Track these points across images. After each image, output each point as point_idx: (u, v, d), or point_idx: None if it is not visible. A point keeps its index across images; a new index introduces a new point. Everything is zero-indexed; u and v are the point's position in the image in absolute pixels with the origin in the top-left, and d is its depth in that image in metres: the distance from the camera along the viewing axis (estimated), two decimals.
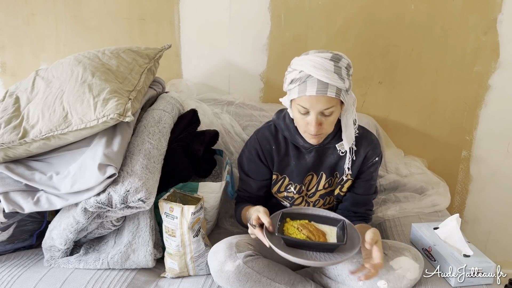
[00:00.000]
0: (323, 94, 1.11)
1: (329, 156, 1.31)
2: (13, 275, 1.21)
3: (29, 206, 1.21)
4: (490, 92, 1.80)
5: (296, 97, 1.15)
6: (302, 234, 1.14)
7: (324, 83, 1.11)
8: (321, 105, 1.13)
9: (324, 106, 1.13)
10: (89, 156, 1.22)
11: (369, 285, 1.13)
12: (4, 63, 1.92)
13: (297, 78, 1.14)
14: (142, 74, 1.46)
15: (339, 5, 1.74)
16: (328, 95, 1.11)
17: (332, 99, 1.13)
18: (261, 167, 1.33)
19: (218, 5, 1.78)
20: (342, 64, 1.13)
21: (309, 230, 1.15)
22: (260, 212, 1.15)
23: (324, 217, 1.22)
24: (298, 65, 1.14)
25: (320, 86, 1.11)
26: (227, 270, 1.11)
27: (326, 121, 1.17)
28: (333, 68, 1.11)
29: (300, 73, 1.13)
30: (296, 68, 1.15)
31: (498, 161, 1.89)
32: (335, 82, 1.11)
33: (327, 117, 1.16)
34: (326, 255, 1.11)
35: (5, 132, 1.25)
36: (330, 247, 1.12)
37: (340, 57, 1.14)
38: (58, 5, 1.81)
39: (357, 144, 1.29)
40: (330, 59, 1.12)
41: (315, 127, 1.16)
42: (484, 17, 1.72)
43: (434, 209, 1.57)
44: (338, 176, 1.33)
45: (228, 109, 1.77)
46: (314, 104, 1.13)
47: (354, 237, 1.15)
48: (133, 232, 1.27)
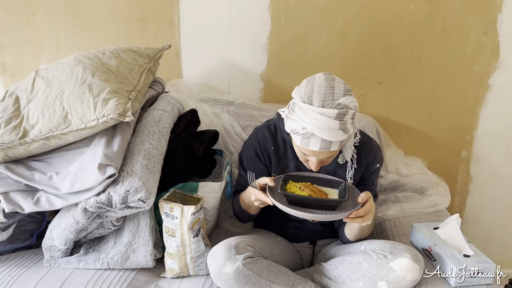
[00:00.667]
0: (326, 151, 1.12)
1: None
2: (13, 275, 1.21)
3: (29, 206, 1.21)
4: (490, 92, 1.80)
5: (298, 144, 1.15)
6: (304, 193, 1.15)
7: (328, 141, 1.10)
8: (324, 155, 1.15)
9: (327, 156, 1.16)
10: (89, 156, 1.22)
11: (369, 286, 1.13)
12: (4, 63, 1.92)
13: (300, 133, 1.11)
14: (142, 74, 1.46)
15: (339, 5, 1.74)
16: (331, 150, 1.13)
17: (335, 151, 1.15)
18: (259, 165, 1.33)
19: (218, 5, 1.78)
20: (348, 117, 1.09)
21: (311, 189, 1.16)
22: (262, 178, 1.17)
23: (326, 179, 1.24)
24: (300, 119, 1.10)
25: (324, 144, 1.11)
26: (226, 272, 1.10)
27: (328, 159, 1.20)
28: (338, 127, 1.08)
29: (304, 130, 1.10)
30: (297, 121, 1.11)
31: (498, 161, 1.89)
32: (340, 137, 1.10)
33: (329, 157, 1.18)
34: (329, 212, 1.11)
35: (5, 132, 1.25)
36: (332, 203, 1.13)
37: (346, 111, 1.08)
38: (58, 5, 1.81)
39: (358, 152, 1.28)
40: (335, 118, 1.07)
41: (316, 168, 1.19)
42: (484, 17, 1.71)
43: (434, 209, 1.57)
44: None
45: (228, 109, 1.77)
46: (317, 155, 1.15)
47: (356, 196, 1.16)
48: (133, 232, 1.27)
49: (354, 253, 1.21)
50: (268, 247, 1.25)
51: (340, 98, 1.08)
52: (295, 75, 1.18)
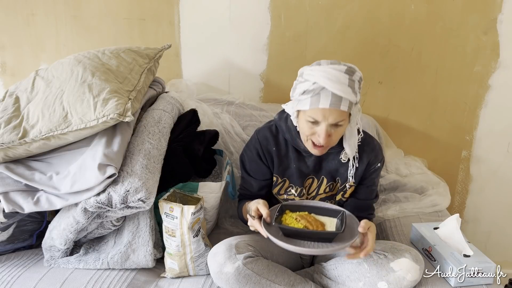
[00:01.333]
0: (336, 108, 1.11)
1: (329, 162, 1.30)
2: (13, 275, 1.21)
3: (29, 206, 1.21)
4: (490, 92, 1.80)
5: (307, 108, 1.13)
6: (300, 224, 1.13)
7: (338, 96, 1.10)
8: (333, 117, 1.12)
9: (336, 119, 1.13)
10: (89, 156, 1.22)
11: (370, 286, 1.13)
12: (4, 63, 1.92)
13: (310, 89, 1.11)
14: (142, 74, 1.46)
15: (339, 5, 1.74)
16: (341, 108, 1.11)
17: (344, 113, 1.13)
18: (262, 166, 1.33)
19: (218, 5, 1.78)
20: (356, 77, 1.12)
21: (308, 220, 1.14)
22: (259, 204, 1.15)
23: (324, 208, 1.22)
24: (311, 75, 1.12)
25: (334, 99, 1.10)
26: (226, 272, 1.10)
27: (335, 133, 1.17)
28: (347, 82, 1.10)
29: (314, 85, 1.11)
30: (308, 79, 1.12)
31: (498, 161, 1.89)
32: (348, 95, 1.10)
33: (337, 128, 1.16)
34: (325, 245, 1.10)
35: (5, 132, 1.25)
36: (327, 236, 1.11)
37: (354, 70, 1.13)
38: (58, 5, 1.81)
39: (360, 151, 1.28)
40: (345, 72, 1.10)
41: (324, 139, 1.15)
42: (484, 17, 1.72)
43: (434, 209, 1.57)
44: (340, 183, 1.32)
45: (228, 109, 1.77)
46: (327, 117, 1.12)
47: (354, 227, 1.14)
48: (133, 232, 1.27)
49: None
50: (268, 247, 1.25)
51: None
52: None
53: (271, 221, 1.12)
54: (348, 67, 1.12)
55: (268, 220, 1.13)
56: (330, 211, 1.20)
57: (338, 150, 1.27)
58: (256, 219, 1.14)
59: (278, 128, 1.31)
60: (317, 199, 1.34)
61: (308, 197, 1.34)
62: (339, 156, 1.28)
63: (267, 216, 1.13)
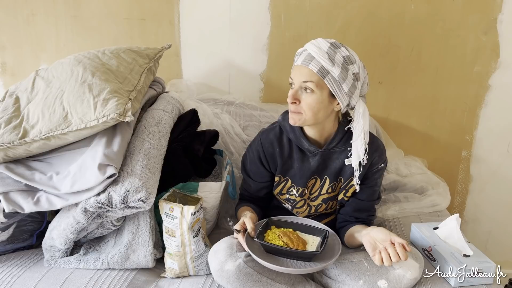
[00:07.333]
0: (305, 65, 1.16)
1: (334, 161, 1.30)
2: (13, 275, 1.21)
3: (29, 206, 1.21)
4: (490, 92, 1.81)
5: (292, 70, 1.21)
6: (281, 241, 1.16)
7: (311, 56, 1.16)
8: (302, 77, 1.17)
9: (304, 78, 1.17)
10: (89, 156, 1.22)
11: (370, 284, 1.13)
12: (4, 63, 1.92)
13: (298, 53, 1.21)
14: (142, 74, 1.46)
15: (339, 5, 1.74)
16: (309, 67, 1.15)
17: (313, 75, 1.15)
18: (261, 169, 1.33)
19: (218, 5, 1.78)
20: (340, 52, 1.17)
21: (290, 237, 1.17)
22: (246, 217, 1.20)
23: (309, 226, 1.24)
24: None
25: (307, 58, 1.17)
26: (227, 270, 1.11)
27: (304, 101, 1.18)
28: (326, 49, 1.16)
29: (301, 49, 1.21)
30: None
31: (498, 161, 1.89)
32: (322, 60, 1.15)
33: (306, 95, 1.18)
34: (304, 263, 1.12)
35: (5, 132, 1.25)
36: (305, 255, 1.13)
37: (341, 46, 1.19)
38: (58, 5, 1.81)
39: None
40: (330, 43, 1.18)
41: (291, 97, 1.19)
42: (484, 17, 1.72)
43: (434, 209, 1.57)
44: (343, 182, 1.32)
45: (228, 109, 1.77)
46: (297, 75, 1.18)
47: (335, 248, 1.17)
48: (133, 232, 1.27)
49: (354, 252, 1.21)
50: None
51: None
52: None
53: (254, 236, 1.16)
54: (339, 43, 1.19)
55: (252, 234, 1.17)
56: (315, 229, 1.23)
57: (342, 149, 1.28)
58: (240, 233, 1.17)
59: (282, 128, 1.32)
60: (319, 199, 1.35)
61: (310, 196, 1.34)
62: (342, 155, 1.28)
63: (252, 230, 1.17)
